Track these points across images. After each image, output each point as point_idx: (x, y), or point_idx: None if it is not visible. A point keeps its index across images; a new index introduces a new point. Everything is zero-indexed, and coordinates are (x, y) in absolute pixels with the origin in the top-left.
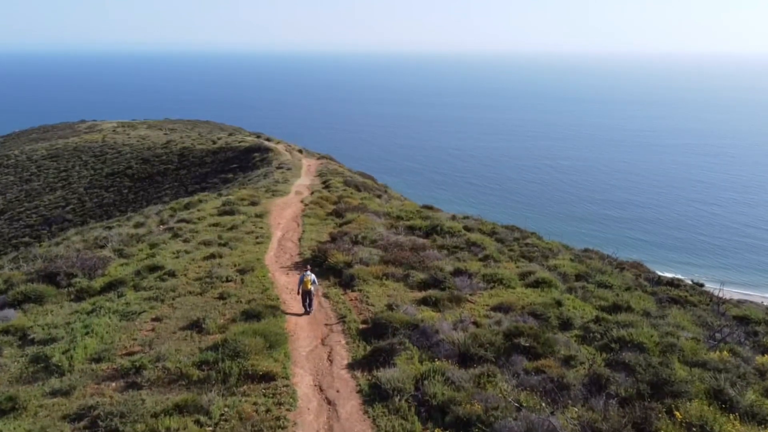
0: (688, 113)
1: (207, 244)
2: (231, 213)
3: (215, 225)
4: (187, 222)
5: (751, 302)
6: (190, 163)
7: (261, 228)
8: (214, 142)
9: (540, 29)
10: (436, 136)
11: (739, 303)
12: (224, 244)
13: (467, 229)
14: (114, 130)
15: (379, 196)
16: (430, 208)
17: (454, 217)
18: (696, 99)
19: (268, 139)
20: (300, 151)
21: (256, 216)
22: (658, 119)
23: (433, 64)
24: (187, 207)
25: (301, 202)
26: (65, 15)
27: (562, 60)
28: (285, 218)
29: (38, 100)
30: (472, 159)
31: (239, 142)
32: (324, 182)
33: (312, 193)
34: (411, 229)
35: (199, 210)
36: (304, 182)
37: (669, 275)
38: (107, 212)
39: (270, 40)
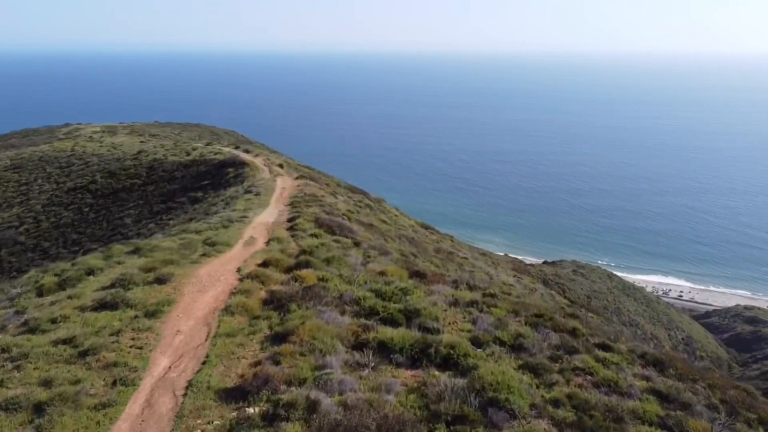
0: (687, 113)
1: (10, 408)
2: (113, 306)
3: (67, 342)
4: (31, 331)
5: (759, 308)
6: (158, 178)
7: (139, 350)
8: (188, 154)
9: (539, 30)
10: (431, 137)
11: (746, 309)
12: (41, 408)
13: (476, 342)
14: (90, 137)
15: (357, 244)
16: (422, 275)
17: (456, 302)
18: (695, 99)
19: (247, 151)
20: (280, 166)
21: (148, 315)
22: (656, 119)
23: (432, 64)
24: (62, 285)
25: (237, 271)
26: (67, 15)
27: (561, 60)
28: (194, 316)
29: (37, 101)
30: (462, 161)
31: (214, 155)
32: (291, 220)
33: (268, 242)
34: (387, 350)
35: (70, 297)
36: (267, 218)
37: (669, 282)
38: (64, 234)
39: (270, 40)
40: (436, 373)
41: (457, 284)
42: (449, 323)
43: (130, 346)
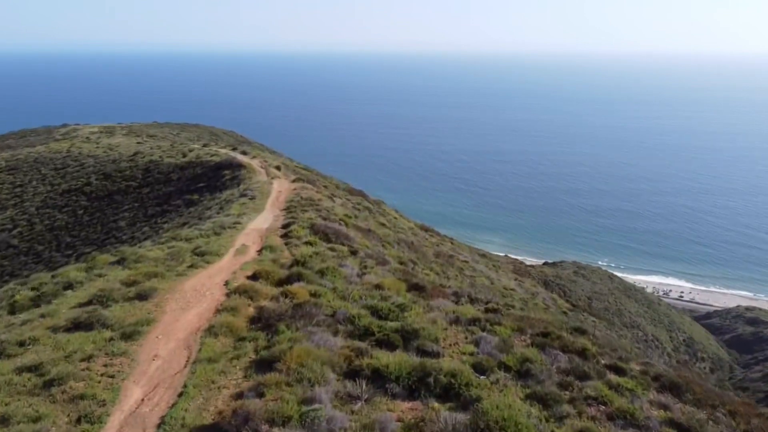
0: (687, 113)
1: None
2: (88, 327)
3: (33, 369)
4: None
5: (760, 309)
6: (154, 180)
7: (110, 379)
8: (184, 155)
9: (539, 30)
10: (431, 137)
11: (748, 309)
12: None
13: (480, 368)
14: (87, 137)
15: (354, 253)
16: (421, 288)
17: (457, 320)
18: (695, 99)
19: (244, 152)
20: (278, 168)
21: (125, 336)
22: (656, 119)
23: (432, 64)
24: (36, 301)
25: (225, 285)
26: (67, 15)
27: (561, 60)
28: (174, 338)
29: (37, 101)
30: (462, 161)
31: (211, 156)
32: (286, 226)
33: (260, 251)
34: (381, 378)
35: (43, 316)
36: (261, 223)
37: (669, 282)
38: (57, 237)
39: (270, 40)
40: (436, 405)
41: (458, 297)
42: (450, 345)
43: (101, 375)
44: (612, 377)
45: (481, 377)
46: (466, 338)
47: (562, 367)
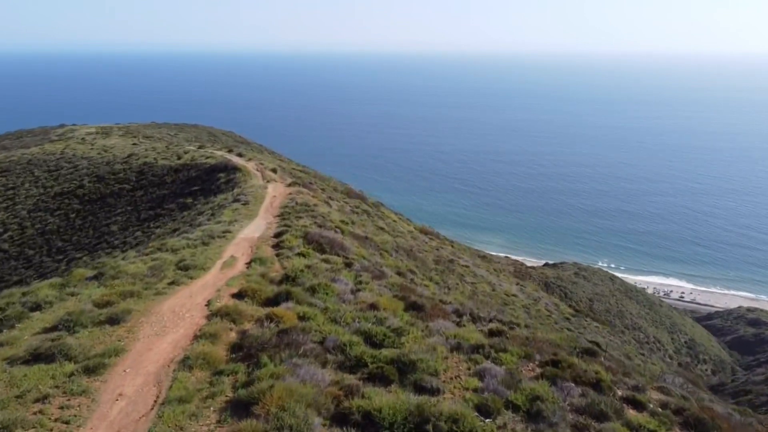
0: (687, 113)
1: None
2: (49, 358)
3: None
4: None
5: (761, 309)
6: (148, 183)
7: (65, 425)
8: (179, 157)
9: (539, 30)
10: (431, 137)
11: (749, 310)
12: None
13: (485, 409)
14: (83, 138)
15: (349, 265)
16: (419, 307)
17: (459, 346)
18: (695, 99)
19: (240, 154)
20: (274, 170)
21: (88, 370)
22: (656, 119)
23: (432, 64)
24: None
25: (207, 305)
26: (67, 15)
27: (561, 60)
28: (144, 372)
29: (37, 101)
30: (462, 162)
31: (206, 159)
32: (278, 235)
33: (249, 263)
34: (372, 425)
35: (1, 344)
36: (252, 232)
37: (669, 283)
38: (48, 241)
39: (270, 40)
40: None
41: (460, 315)
42: (451, 378)
43: (55, 420)
44: (631, 414)
45: (486, 421)
46: (469, 369)
47: (576, 404)
